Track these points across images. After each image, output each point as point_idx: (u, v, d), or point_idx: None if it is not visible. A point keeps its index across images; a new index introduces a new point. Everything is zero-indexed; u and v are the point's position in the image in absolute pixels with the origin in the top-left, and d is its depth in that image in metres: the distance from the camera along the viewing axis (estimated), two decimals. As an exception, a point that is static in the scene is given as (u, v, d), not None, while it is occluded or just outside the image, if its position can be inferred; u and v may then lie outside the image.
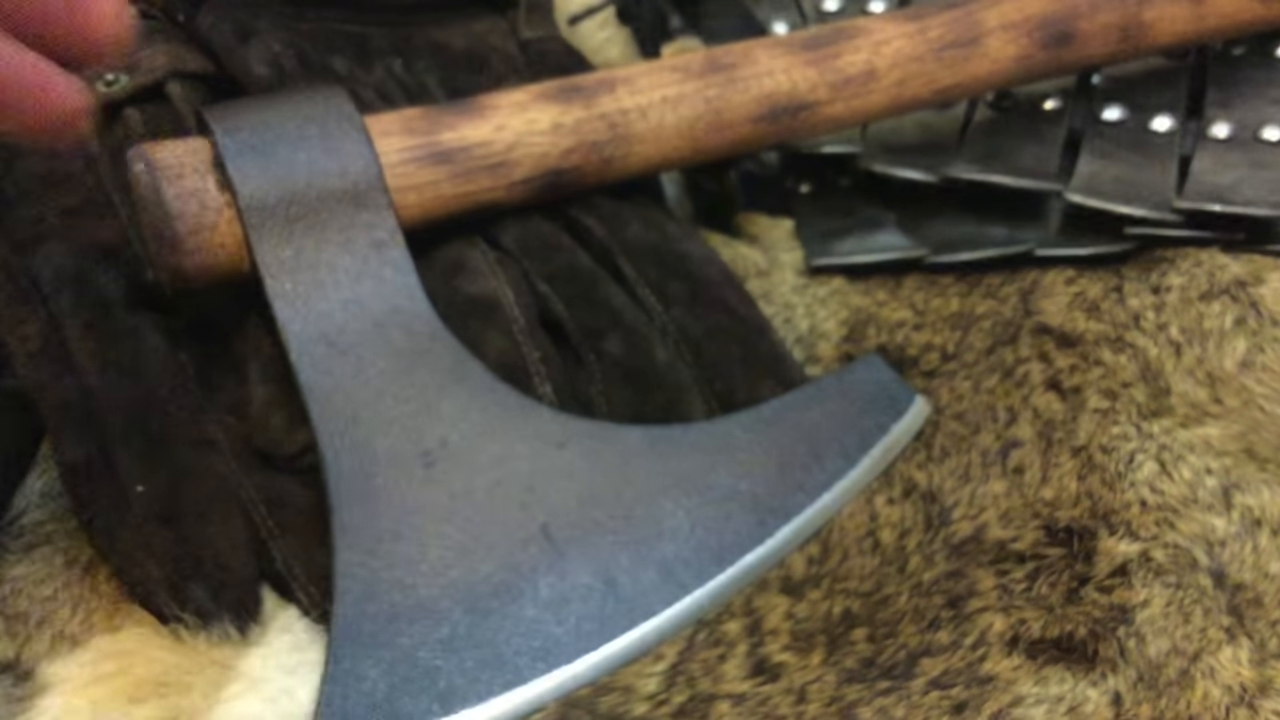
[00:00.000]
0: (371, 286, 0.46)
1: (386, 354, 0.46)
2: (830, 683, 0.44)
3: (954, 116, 0.64)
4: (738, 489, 0.47)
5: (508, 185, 0.51)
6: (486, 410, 0.46)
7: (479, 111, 0.51)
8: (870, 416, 0.49)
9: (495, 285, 0.51)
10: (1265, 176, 0.59)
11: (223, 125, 0.47)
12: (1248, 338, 0.55)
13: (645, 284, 0.53)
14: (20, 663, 0.44)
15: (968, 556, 0.47)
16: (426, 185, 0.50)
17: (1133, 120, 0.62)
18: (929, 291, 0.58)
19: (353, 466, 0.44)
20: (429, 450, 0.45)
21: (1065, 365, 0.54)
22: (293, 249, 0.46)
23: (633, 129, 0.53)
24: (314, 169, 0.47)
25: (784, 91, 0.55)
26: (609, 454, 0.46)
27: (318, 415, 0.44)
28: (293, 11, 0.64)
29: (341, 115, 0.48)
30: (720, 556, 0.45)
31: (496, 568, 0.43)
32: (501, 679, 0.42)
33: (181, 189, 0.46)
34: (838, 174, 0.63)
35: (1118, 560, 0.47)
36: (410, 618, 0.42)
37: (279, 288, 0.46)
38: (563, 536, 0.44)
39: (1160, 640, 0.44)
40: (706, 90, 0.54)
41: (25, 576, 0.47)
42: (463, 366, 0.46)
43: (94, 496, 0.46)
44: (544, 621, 0.43)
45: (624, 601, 0.44)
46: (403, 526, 0.43)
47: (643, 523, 0.45)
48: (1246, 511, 0.48)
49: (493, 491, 0.45)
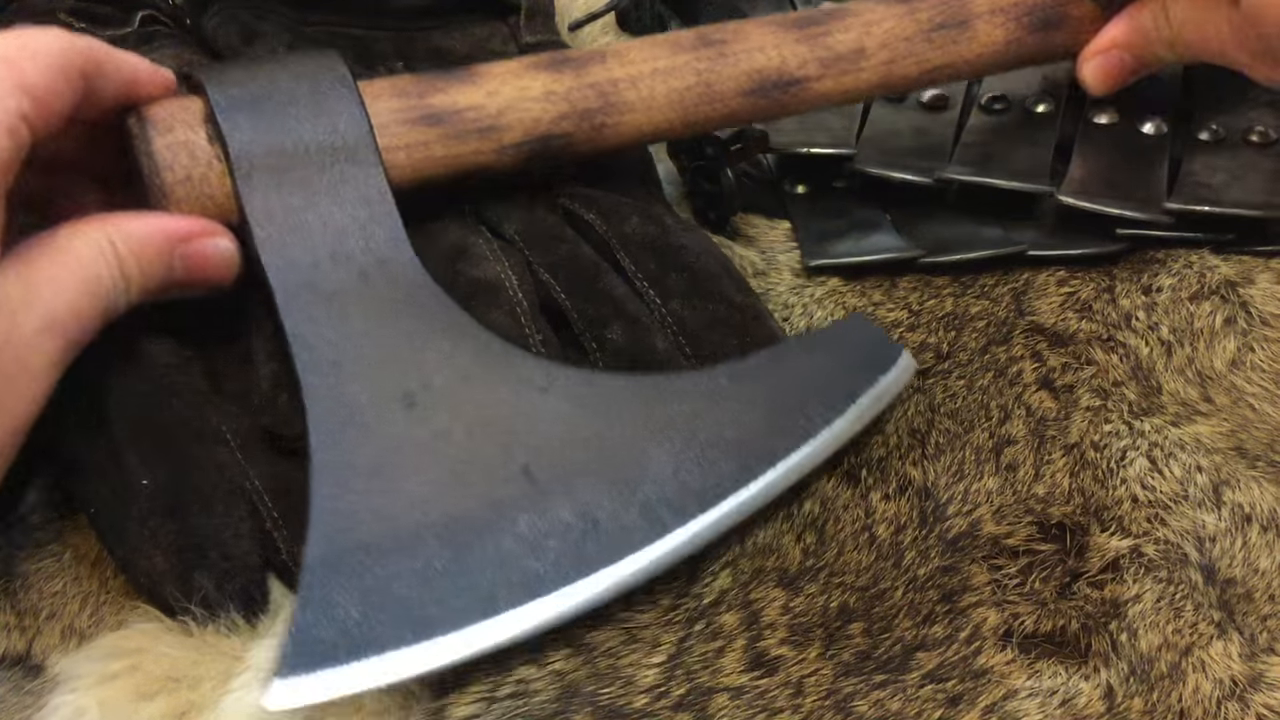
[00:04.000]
0: (358, 239, 0.47)
1: (372, 302, 0.46)
2: (827, 676, 0.44)
3: (948, 119, 0.64)
4: (723, 435, 0.47)
5: (498, 149, 0.52)
6: (470, 356, 0.46)
7: (471, 78, 0.52)
8: (857, 370, 0.49)
9: (499, 270, 0.52)
10: (1254, 177, 0.60)
11: (215, 81, 0.48)
12: (1237, 337, 0.55)
13: (644, 277, 0.53)
14: (30, 656, 0.45)
15: (962, 552, 0.48)
16: (416, 145, 0.50)
17: (1123, 123, 0.63)
18: (924, 292, 0.58)
19: (333, 408, 0.44)
20: (411, 392, 0.45)
21: (1057, 364, 0.54)
22: (281, 201, 0.47)
23: (623, 98, 0.53)
24: (304, 125, 0.48)
25: (774, 66, 0.55)
26: (593, 399, 0.46)
27: (300, 360, 0.45)
28: (297, 16, 0.65)
29: (333, 75, 0.49)
30: (703, 499, 0.46)
31: (476, 504, 0.44)
32: (477, 608, 0.42)
33: (172, 140, 0.47)
34: (833, 176, 0.64)
35: (1109, 556, 0.47)
36: (386, 549, 0.42)
37: (266, 237, 0.47)
38: (544, 476, 0.45)
39: (1152, 634, 0.45)
40: (697, 63, 0.54)
41: (35, 571, 0.47)
42: (448, 314, 0.47)
43: (98, 490, 0.47)
44: (522, 555, 0.43)
45: (604, 539, 0.44)
46: (381, 464, 0.44)
47: (626, 465, 0.45)
48: (1237, 508, 0.49)
49: (474, 432, 0.45)
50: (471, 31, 0.69)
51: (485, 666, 0.44)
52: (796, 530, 0.49)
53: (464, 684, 0.44)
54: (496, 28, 0.69)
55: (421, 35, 0.68)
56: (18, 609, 0.46)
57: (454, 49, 0.67)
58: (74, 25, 0.65)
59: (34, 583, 0.47)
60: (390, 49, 0.66)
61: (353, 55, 0.65)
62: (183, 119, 0.48)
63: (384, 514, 0.43)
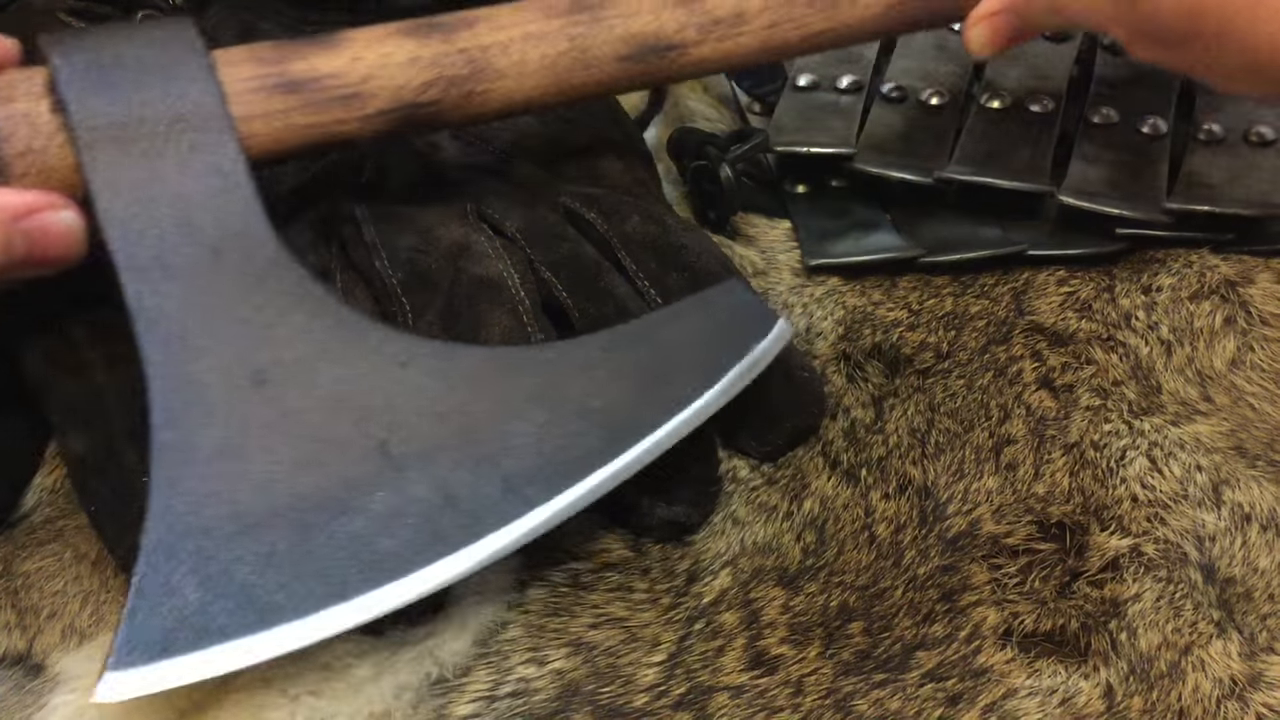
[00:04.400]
0: (209, 211, 0.45)
1: (222, 278, 0.45)
2: (827, 675, 0.44)
3: (948, 119, 0.64)
4: (589, 406, 0.45)
5: (362, 117, 0.50)
6: (326, 331, 0.45)
7: (333, 44, 0.50)
8: (731, 338, 0.48)
9: (501, 268, 0.52)
10: (1254, 177, 0.60)
11: (58, 50, 0.46)
12: (1237, 337, 0.55)
13: (645, 276, 0.53)
14: (31, 655, 0.45)
15: (962, 551, 0.48)
16: (275, 114, 0.49)
17: (1124, 122, 0.63)
18: (924, 291, 0.58)
19: (177, 387, 0.43)
20: (261, 369, 0.44)
21: (1057, 364, 0.54)
22: (126, 173, 0.45)
23: (493, 64, 0.52)
24: (150, 94, 0.46)
25: (650, 31, 0.54)
26: (455, 373, 0.45)
27: (144, 337, 0.43)
28: (297, 14, 0.65)
29: (183, 42, 0.47)
30: (567, 472, 0.44)
31: (328, 483, 0.43)
32: (325, 592, 0.41)
33: (12, 111, 0.45)
34: (833, 175, 0.64)
35: (1109, 555, 0.47)
36: (229, 533, 0.41)
37: (110, 210, 0.45)
38: (401, 452, 0.44)
39: (1151, 633, 0.45)
40: (571, 28, 0.53)
41: (36, 571, 0.47)
42: (303, 288, 0.45)
43: (98, 489, 0.47)
44: (374, 535, 0.42)
45: (462, 515, 0.43)
46: (227, 444, 0.43)
47: (487, 439, 0.44)
48: (1236, 507, 0.49)
49: (328, 409, 0.44)
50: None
51: (485, 666, 0.44)
52: (796, 529, 0.49)
53: (464, 683, 0.44)
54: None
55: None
56: (18, 608, 0.46)
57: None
58: (74, 25, 0.65)
59: (35, 582, 0.47)
60: (390, 48, 0.66)
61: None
62: (25, 89, 0.46)
63: (228, 497, 0.42)
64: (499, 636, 0.45)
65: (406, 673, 0.44)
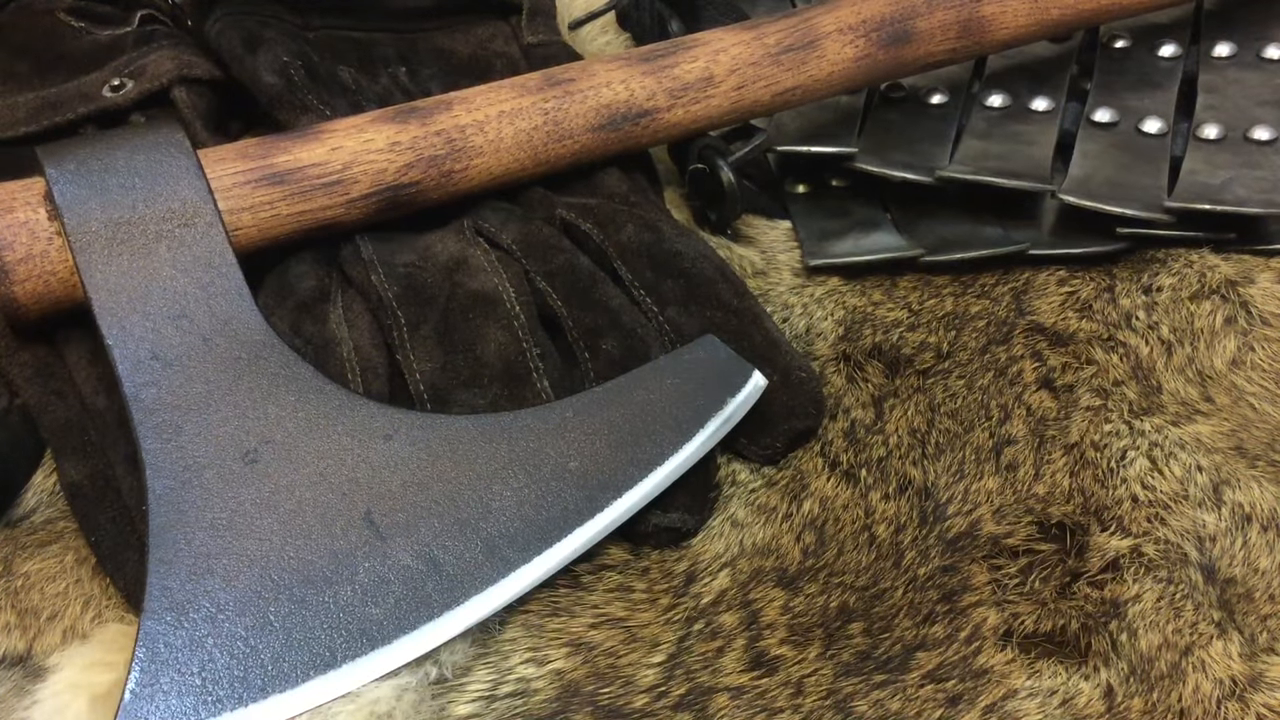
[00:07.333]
0: (201, 302, 0.48)
1: (214, 365, 0.47)
2: (827, 676, 0.44)
3: (948, 119, 0.65)
4: (567, 467, 0.47)
5: (346, 202, 0.52)
6: (313, 408, 0.47)
7: (315, 136, 0.53)
8: (706, 392, 0.50)
9: (497, 282, 0.52)
10: (1255, 176, 0.60)
11: (53, 160, 0.49)
12: (1238, 337, 0.55)
13: (640, 285, 0.53)
14: (31, 657, 0.45)
15: (962, 552, 0.48)
16: (261, 205, 0.51)
17: (1124, 122, 0.63)
18: (924, 291, 0.58)
19: (173, 470, 0.45)
20: (252, 449, 0.46)
21: (1058, 364, 0.54)
22: (121, 270, 0.48)
23: (470, 143, 0.54)
24: (140, 195, 0.49)
25: (621, 100, 0.56)
26: (437, 442, 0.47)
27: (140, 426, 0.45)
28: (300, 21, 0.65)
29: (170, 144, 0.50)
30: (546, 532, 0.46)
31: (316, 556, 0.44)
32: (315, 662, 0.43)
33: (12, 221, 0.48)
34: (834, 175, 0.64)
35: (1109, 555, 0.47)
36: (223, 608, 0.43)
37: (106, 307, 0.47)
38: (385, 522, 0.45)
39: (1152, 634, 0.45)
40: (544, 103, 0.55)
41: (37, 572, 0.47)
42: (291, 370, 0.48)
43: (98, 520, 0.48)
44: (361, 604, 0.44)
45: (446, 580, 0.45)
46: (220, 523, 0.44)
47: (469, 505, 0.46)
48: (1237, 508, 0.49)
49: (315, 483, 0.46)
50: (474, 32, 0.69)
51: (485, 666, 0.44)
52: (796, 530, 0.49)
53: (464, 683, 0.44)
54: (499, 28, 0.69)
55: (424, 37, 0.68)
56: (19, 609, 0.46)
57: (456, 50, 0.67)
58: (73, 24, 0.66)
59: (35, 583, 0.47)
60: (393, 52, 0.66)
61: (355, 58, 0.65)
62: (23, 199, 0.49)
63: (222, 573, 0.44)
64: (499, 636, 0.46)
65: (407, 673, 0.44)
